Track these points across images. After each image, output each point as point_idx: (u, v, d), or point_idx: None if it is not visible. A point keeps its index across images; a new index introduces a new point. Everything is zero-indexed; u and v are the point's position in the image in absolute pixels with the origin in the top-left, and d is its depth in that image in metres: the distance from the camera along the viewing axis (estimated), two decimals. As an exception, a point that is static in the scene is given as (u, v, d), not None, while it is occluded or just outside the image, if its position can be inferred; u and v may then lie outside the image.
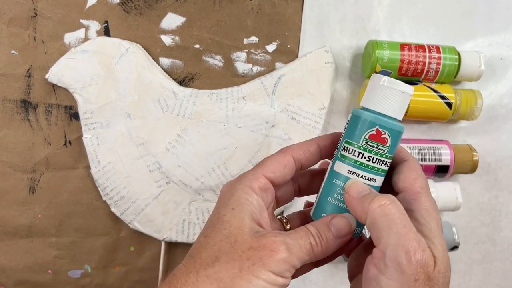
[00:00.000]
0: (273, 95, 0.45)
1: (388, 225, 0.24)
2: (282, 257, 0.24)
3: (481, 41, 0.48)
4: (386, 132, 0.28)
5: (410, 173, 0.27)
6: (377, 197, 0.25)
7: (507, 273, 0.49)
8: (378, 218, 0.25)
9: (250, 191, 0.27)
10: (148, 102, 0.44)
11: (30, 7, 0.44)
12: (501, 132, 0.48)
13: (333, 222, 0.27)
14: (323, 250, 0.26)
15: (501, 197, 0.49)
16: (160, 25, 0.45)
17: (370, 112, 0.28)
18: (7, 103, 0.45)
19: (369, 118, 0.28)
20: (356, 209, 0.26)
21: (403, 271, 0.23)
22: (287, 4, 0.46)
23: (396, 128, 0.28)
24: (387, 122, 0.27)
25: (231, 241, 0.25)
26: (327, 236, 0.27)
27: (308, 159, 0.30)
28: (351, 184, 0.27)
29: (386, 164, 0.28)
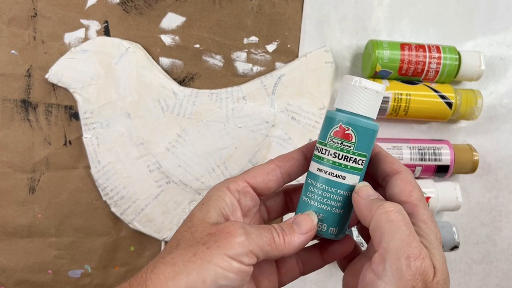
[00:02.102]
0: (273, 95, 0.45)
1: (393, 231, 0.24)
2: (239, 240, 0.25)
3: (481, 41, 0.48)
4: (350, 128, 0.28)
5: (405, 186, 0.27)
6: (385, 203, 0.25)
7: (507, 273, 0.49)
8: (383, 222, 0.25)
9: (225, 189, 0.28)
10: (148, 102, 0.44)
11: (30, 7, 0.44)
12: (501, 132, 0.48)
13: (296, 220, 0.28)
14: (286, 244, 0.26)
15: (501, 197, 0.49)
16: (160, 25, 0.45)
17: (341, 112, 0.28)
18: (7, 103, 0.45)
19: (334, 116, 0.28)
20: (362, 210, 0.26)
21: (401, 276, 0.23)
22: (287, 4, 0.46)
23: (362, 125, 0.28)
24: (352, 118, 0.28)
25: (192, 230, 0.26)
26: (289, 230, 0.27)
27: (294, 165, 0.30)
28: (362, 187, 0.27)
29: (356, 161, 0.28)
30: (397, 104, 0.44)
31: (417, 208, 0.26)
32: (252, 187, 0.29)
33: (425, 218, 0.26)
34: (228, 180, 0.29)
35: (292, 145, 0.45)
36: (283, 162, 0.29)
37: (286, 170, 0.29)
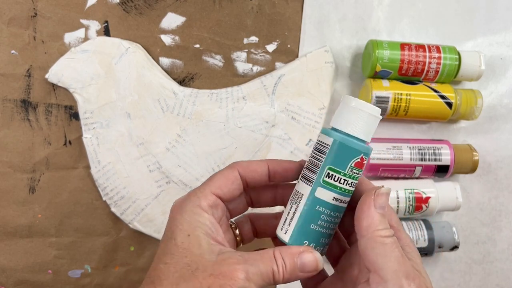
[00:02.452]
0: (273, 95, 0.45)
1: (391, 251, 0.25)
2: (241, 285, 0.25)
3: (481, 41, 0.48)
4: (367, 159, 0.28)
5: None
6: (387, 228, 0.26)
7: (507, 273, 0.49)
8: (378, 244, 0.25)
9: (200, 211, 0.27)
10: (148, 102, 0.44)
11: (30, 7, 0.44)
12: (501, 132, 0.48)
13: (301, 257, 0.27)
14: (284, 280, 0.27)
15: (501, 197, 0.49)
16: (160, 25, 0.45)
17: (356, 140, 0.27)
18: (7, 103, 0.45)
19: (353, 146, 0.27)
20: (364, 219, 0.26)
21: None
22: (287, 4, 0.46)
23: (370, 153, 0.28)
24: (367, 148, 0.28)
25: (192, 269, 0.25)
26: (292, 268, 0.27)
27: (255, 179, 0.30)
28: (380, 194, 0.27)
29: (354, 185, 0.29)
30: (397, 104, 0.44)
31: (399, 232, 0.27)
32: (219, 198, 0.28)
33: (408, 242, 0.27)
34: (196, 195, 0.28)
35: (292, 145, 0.45)
36: (246, 172, 0.29)
37: (247, 179, 0.30)
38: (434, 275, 0.49)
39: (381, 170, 0.44)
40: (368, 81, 0.45)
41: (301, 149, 0.45)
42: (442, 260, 0.49)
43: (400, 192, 0.44)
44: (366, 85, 0.45)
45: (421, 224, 0.45)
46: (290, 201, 0.29)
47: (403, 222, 0.45)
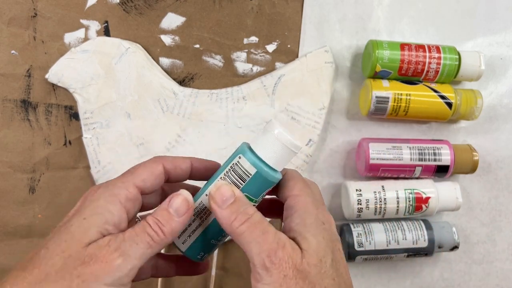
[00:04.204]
0: (273, 95, 0.45)
1: (249, 236, 0.25)
2: (116, 265, 0.23)
3: (481, 41, 0.48)
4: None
5: (289, 182, 0.28)
6: (239, 215, 0.26)
7: (507, 273, 0.49)
8: (240, 234, 0.25)
9: (115, 199, 0.26)
10: (148, 102, 0.44)
11: (30, 7, 0.44)
12: (501, 132, 0.48)
13: (170, 204, 0.26)
14: (166, 235, 0.25)
15: (501, 197, 0.49)
16: (160, 25, 0.45)
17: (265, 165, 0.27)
18: (7, 103, 0.45)
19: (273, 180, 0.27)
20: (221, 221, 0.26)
21: (271, 273, 0.24)
22: (287, 4, 0.46)
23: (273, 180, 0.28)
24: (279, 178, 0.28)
25: (65, 256, 0.23)
26: (166, 218, 0.25)
27: (177, 175, 0.29)
28: (216, 190, 0.26)
29: None
30: (397, 104, 0.44)
31: (299, 197, 0.27)
32: (141, 191, 0.27)
33: (305, 205, 0.27)
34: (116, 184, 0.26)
35: (292, 145, 0.45)
36: (170, 167, 0.29)
37: (169, 175, 0.29)
38: (434, 275, 0.49)
39: (381, 170, 0.44)
40: (368, 81, 0.45)
41: (301, 149, 0.45)
42: (442, 260, 0.49)
43: (400, 192, 0.44)
44: (366, 85, 0.45)
45: (421, 224, 0.45)
46: (195, 213, 0.28)
47: (403, 222, 0.45)
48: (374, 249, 0.44)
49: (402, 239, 0.44)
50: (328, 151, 0.48)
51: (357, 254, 0.44)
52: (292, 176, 0.29)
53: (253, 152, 0.27)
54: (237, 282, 0.48)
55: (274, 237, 0.25)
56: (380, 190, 0.44)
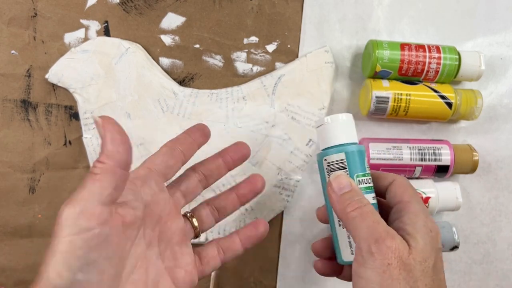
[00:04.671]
0: (273, 95, 0.45)
1: (360, 222, 0.28)
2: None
3: (481, 41, 0.48)
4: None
5: (398, 189, 0.31)
6: (353, 202, 0.29)
7: (507, 273, 0.49)
8: (352, 218, 0.28)
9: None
10: (148, 102, 0.44)
11: (30, 7, 0.44)
12: (501, 132, 0.48)
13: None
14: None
15: (501, 197, 0.49)
16: (160, 25, 0.45)
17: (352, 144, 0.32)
18: (7, 103, 0.45)
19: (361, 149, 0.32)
20: (335, 205, 0.29)
21: (375, 258, 0.26)
22: (287, 4, 0.46)
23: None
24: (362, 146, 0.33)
25: None
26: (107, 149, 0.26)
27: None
28: (334, 178, 0.30)
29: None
30: (397, 104, 0.44)
31: (409, 204, 0.29)
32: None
33: (415, 210, 0.29)
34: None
35: (292, 145, 0.45)
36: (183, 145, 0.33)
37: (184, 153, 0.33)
38: (434, 275, 0.49)
39: (381, 170, 0.44)
40: (368, 81, 0.45)
41: (301, 149, 0.45)
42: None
43: (400, 192, 0.44)
44: (366, 85, 0.45)
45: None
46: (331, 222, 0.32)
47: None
48: (374, 249, 0.44)
49: (402, 239, 0.44)
50: (328, 151, 0.48)
51: (357, 254, 0.44)
52: (401, 183, 0.31)
53: (325, 149, 0.32)
54: (237, 282, 0.48)
55: (385, 228, 0.27)
56: (380, 190, 0.44)
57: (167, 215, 0.30)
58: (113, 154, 0.25)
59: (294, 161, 0.45)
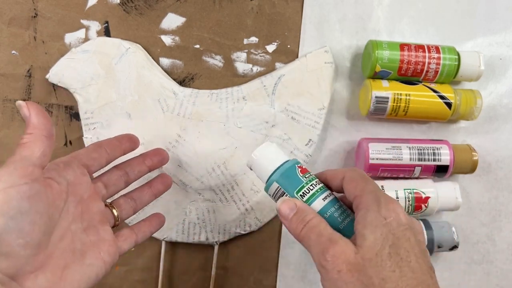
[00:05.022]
0: (273, 95, 0.45)
1: (309, 239, 0.29)
2: None
3: (481, 41, 0.48)
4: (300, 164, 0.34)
5: (349, 185, 0.31)
6: (299, 224, 0.29)
7: (506, 273, 0.49)
8: (302, 238, 0.29)
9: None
10: (148, 102, 0.44)
11: (30, 7, 0.44)
12: (501, 132, 0.49)
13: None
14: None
15: (501, 197, 0.49)
16: (160, 25, 0.45)
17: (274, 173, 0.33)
18: (8, 103, 0.45)
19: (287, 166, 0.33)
20: (289, 231, 0.30)
21: (326, 270, 0.27)
22: (287, 4, 0.46)
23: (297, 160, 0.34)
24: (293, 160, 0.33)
25: None
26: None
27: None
28: (280, 205, 0.31)
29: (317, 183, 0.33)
30: (397, 104, 0.44)
31: (359, 198, 0.29)
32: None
33: (365, 204, 0.29)
34: None
35: (292, 145, 0.45)
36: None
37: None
38: (433, 275, 0.49)
39: (381, 170, 0.45)
40: (368, 81, 0.45)
41: (301, 149, 0.45)
42: (442, 260, 0.49)
43: (399, 192, 0.44)
44: (365, 85, 0.45)
45: (420, 224, 0.45)
46: None
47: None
48: (373, 249, 0.44)
49: (402, 239, 0.44)
50: (328, 151, 0.48)
51: (356, 254, 0.44)
52: (350, 178, 0.31)
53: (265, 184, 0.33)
54: (237, 282, 0.48)
55: (327, 237, 0.28)
56: (379, 190, 0.44)
57: (89, 197, 0.33)
58: (38, 126, 0.28)
59: (294, 161, 0.45)
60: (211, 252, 0.47)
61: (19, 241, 0.26)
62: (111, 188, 0.36)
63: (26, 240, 0.26)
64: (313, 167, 0.47)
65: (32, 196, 0.26)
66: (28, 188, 0.26)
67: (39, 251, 0.27)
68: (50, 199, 0.28)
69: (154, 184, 0.40)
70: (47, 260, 0.28)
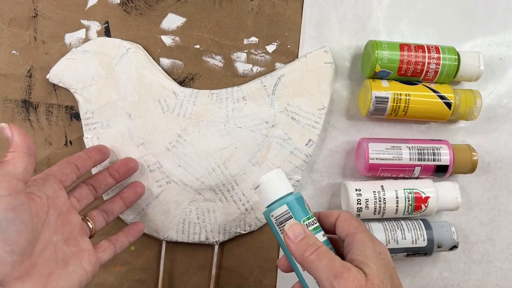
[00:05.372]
0: (273, 95, 0.45)
1: (319, 263, 0.30)
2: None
3: (481, 41, 0.48)
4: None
5: (344, 223, 0.34)
6: (309, 247, 0.31)
7: (506, 273, 0.50)
8: (311, 262, 0.31)
9: None
10: (149, 102, 0.44)
11: (31, 8, 0.44)
12: (500, 132, 0.49)
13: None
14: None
15: (501, 197, 0.49)
16: (161, 26, 0.45)
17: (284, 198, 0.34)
18: (8, 103, 0.45)
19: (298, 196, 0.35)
20: (294, 253, 0.32)
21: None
22: (287, 4, 0.46)
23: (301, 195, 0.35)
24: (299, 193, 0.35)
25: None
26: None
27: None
28: (289, 228, 0.33)
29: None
30: (396, 104, 0.44)
31: (355, 234, 0.32)
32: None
33: (362, 240, 0.32)
34: None
35: (292, 145, 0.45)
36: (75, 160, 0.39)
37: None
38: (433, 274, 0.49)
39: (381, 170, 0.45)
40: (368, 81, 0.45)
41: (301, 149, 0.45)
42: (441, 259, 0.49)
43: (399, 192, 0.44)
44: (365, 86, 0.45)
45: (420, 224, 0.45)
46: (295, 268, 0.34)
47: (402, 222, 0.45)
48: (373, 249, 0.44)
49: (402, 239, 0.45)
50: (328, 151, 0.48)
51: (356, 254, 0.44)
52: (345, 217, 0.34)
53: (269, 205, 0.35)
54: (237, 282, 0.48)
55: (341, 263, 0.30)
56: (379, 190, 0.44)
57: (67, 210, 0.35)
58: (21, 144, 0.30)
59: (294, 161, 0.46)
60: (211, 252, 0.47)
61: (6, 248, 0.28)
62: (83, 202, 0.38)
63: (12, 248, 0.28)
64: (313, 167, 0.48)
65: (17, 207, 0.28)
66: (13, 199, 0.28)
67: (24, 259, 0.29)
68: (33, 211, 0.30)
69: (126, 194, 0.42)
70: (32, 268, 0.30)
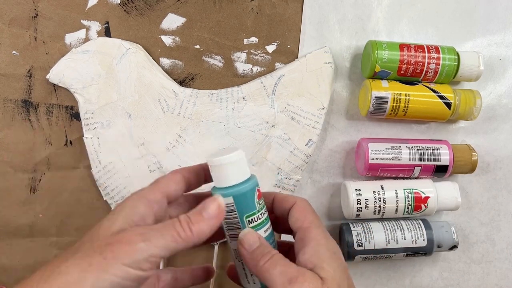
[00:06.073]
0: (273, 95, 0.45)
1: (273, 270, 0.28)
2: (138, 247, 0.25)
3: (480, 41, 0.48)
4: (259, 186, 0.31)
5: (298, 213, 0.31)
6: (264, 255, 0.29)
7: (506, 273, 0.50)
8: (265, 270, 0.28)
9: (142, 199, 0.28)
10: (149, 102, 0.45)
11: (31, 8, 0.44)
12: (500, 132, 0.49)
13: (204, 206, 0.28)
14: (193, 234, 0.27)
15: (500, 197, 0.49)
16: (161, 26, 0.45)
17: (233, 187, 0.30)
18: (8, 103, 0.45)
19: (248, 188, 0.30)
20: (248, 262, 0.30)
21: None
22: (287, 5, 0.46)
23: (257, 181, 0.31)
24: (254, 181, 0.31)
25: (93, 238, 0.26)
26: (197, 219, 0.28)
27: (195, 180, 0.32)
28: (244, 236, 0.30)
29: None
30: (396, 104, 0.44)
31: (309, 229, 0.30)
32: (165, 195, 0.30)
33: (316, 237, 0.30)
34: (142, 190, 0.29)
35: (292, 145, 0.45)
36: (188, 174, 0.31)
37: (189, 181, 0.31)
38: (433, 274, 0.49)
39: (380, 170, 0.45)
40: (367, 81, 0.45)
41: (300, 149, 0.46)
42: (441, 259, 0.49)
43: (399, 192, 0.44)
44: (365, 86, 0.45)
45: (420, 223, 0.45)
46: (235, 260, 0.33)
47: (402, 222, 0.46)
48: (373, 249, 0.44)
49: (401, 239, 0.45)
50: (328, 151, 0.48)
51: (356, 254, 0.44)
52: (301, 207, 0.31)
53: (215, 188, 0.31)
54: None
55: (295, 268, 0.28)
56: (379, 190, 0.44)
57: None
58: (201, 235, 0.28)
59: (294, 161, 0.46)
60: (211, 252, 0.47)
61: None
62: None
63: None
64: (312, 167, 0.48)
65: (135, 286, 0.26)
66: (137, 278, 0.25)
67: None
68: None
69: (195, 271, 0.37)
70: None
